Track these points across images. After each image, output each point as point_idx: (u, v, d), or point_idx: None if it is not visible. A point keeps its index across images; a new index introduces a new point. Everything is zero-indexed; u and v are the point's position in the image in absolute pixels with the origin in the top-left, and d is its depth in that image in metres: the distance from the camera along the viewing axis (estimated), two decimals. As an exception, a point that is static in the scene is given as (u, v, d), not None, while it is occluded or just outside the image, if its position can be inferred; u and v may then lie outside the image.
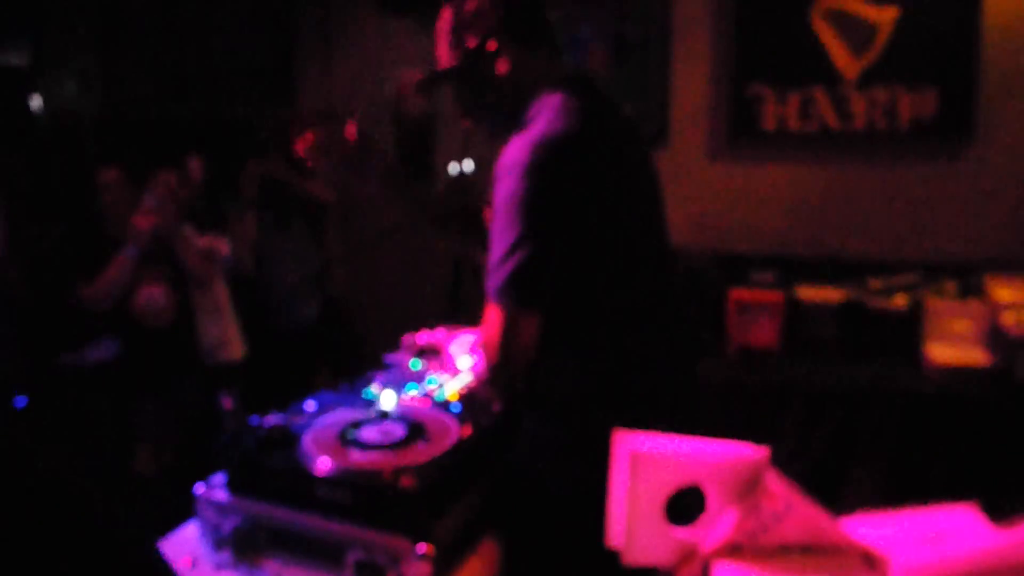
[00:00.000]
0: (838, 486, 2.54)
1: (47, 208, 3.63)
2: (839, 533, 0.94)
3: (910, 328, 2.89)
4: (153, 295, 2.88)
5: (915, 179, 3.31)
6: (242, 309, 3.52)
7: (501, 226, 1.41)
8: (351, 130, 1.77)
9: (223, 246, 3.41)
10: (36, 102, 4.99)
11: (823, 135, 3.35)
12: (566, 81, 1.56)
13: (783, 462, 1.16)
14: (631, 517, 0.96)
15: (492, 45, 1.56)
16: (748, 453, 0.97)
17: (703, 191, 3.60)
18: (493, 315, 1.41)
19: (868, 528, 1.04)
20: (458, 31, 1.59)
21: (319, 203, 3.64)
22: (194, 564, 1.32)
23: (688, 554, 0.95)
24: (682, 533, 0.98)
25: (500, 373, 1.45)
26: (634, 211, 1.54)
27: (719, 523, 0.94)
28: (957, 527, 1.03)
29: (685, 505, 1.02)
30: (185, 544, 1.38)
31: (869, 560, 0.93)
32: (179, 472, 2.65)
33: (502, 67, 1.57)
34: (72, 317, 2.74)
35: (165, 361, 2.94)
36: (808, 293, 3.05)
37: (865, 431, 2.59)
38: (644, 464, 0.96)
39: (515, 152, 1.42)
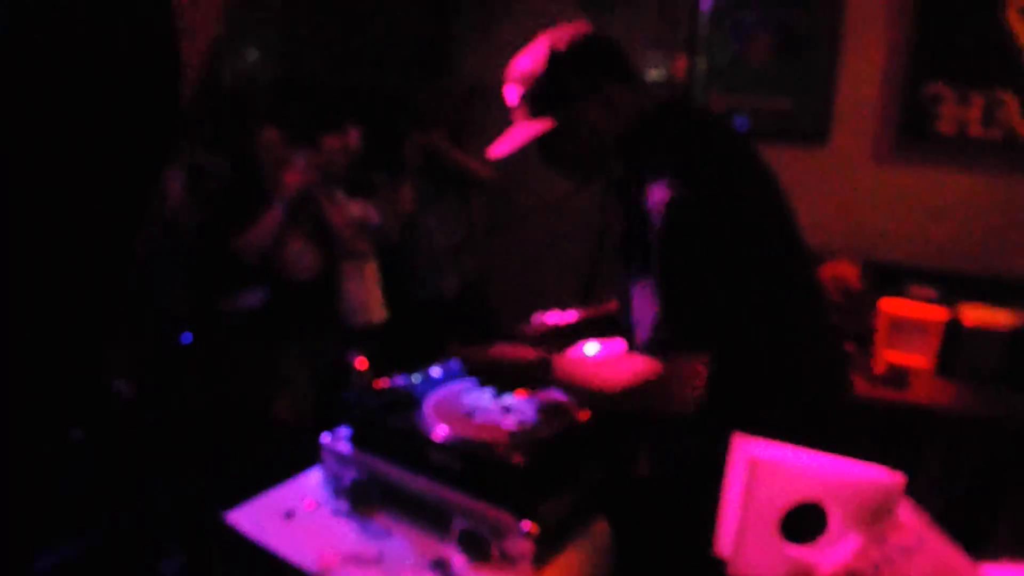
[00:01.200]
0: (984, 528, 2.31)
1: (219, 164, 3.92)
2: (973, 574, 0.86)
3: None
4: (299, 250, 3.05)
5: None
6: (386, 276, 3.68)
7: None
8: None
9: (374, 215, 3.56)
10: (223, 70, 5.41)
11: (1008, 143, 3.03)
12: (662, 110, 1.45)
13: (923, 494, 1.06)
14: (742, 526, 0.92)
15: (593, 88, 1.44)
16: (881, 477, 0.90)
17: (862, 194, 3.37)
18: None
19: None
20: (553, 79, 1.45)
21: (477, 179, 3.70)
22: (316, 507, 1.40)
23: (801, 575, 0.90)
24: (797, 551, 0.92)
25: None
26: (773, 224, 1.43)
27: (839, 547, 0.88)
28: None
29: (805, 523, 0.96)
30: (309, 488, 1.47)
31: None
32: (315, 420, 2.82)
33: (600, 110, 1.45)
34: (230, 266, 2.96)
35: (308, 314, 3.11)
36: (973, 314, 2.78)
37: (1022, 470, 2.34)
38: (762, 471, 0.91)
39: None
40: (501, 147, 1.54)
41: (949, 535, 0.92)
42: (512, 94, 1.55)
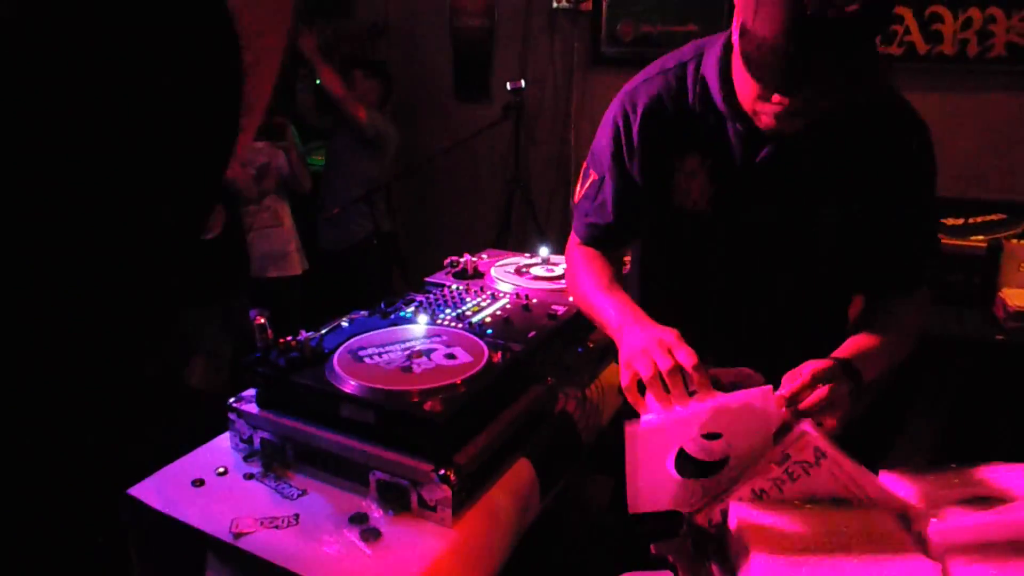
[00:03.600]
0: (893, 435, 2.43)
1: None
2: (875, 486, 0.88)
3: (987, 271, 2.71)
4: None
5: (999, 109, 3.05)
6: (300, 225, 3.55)
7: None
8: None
9: (280, 160, 3.40)
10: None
11: (905, 58, 3.11)
12: None
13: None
14: (634, 476, 0.95)
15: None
16: (748, 393, 0.94)
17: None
18: None
19: (915, 484, 0.98)
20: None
21: (352, 118, 3.52)
22: (225, 473, 1.34)
23: (704, 498, 0.91)
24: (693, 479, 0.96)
25: None
26: None
27: (741, 466, 0.89)
28: (1012, 489, 0.96)
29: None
30: (218, 453, 1.41)
31: (905, 517, 0.87)
32: (232, 386, 2.73)
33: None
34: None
35: (216, 273, 2.98)
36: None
37: (929, 378, 2.46)
38: (640, 436, 0.95)
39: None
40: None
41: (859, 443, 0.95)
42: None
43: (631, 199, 1.43)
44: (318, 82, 3.61)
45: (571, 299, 1.60)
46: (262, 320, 1.39)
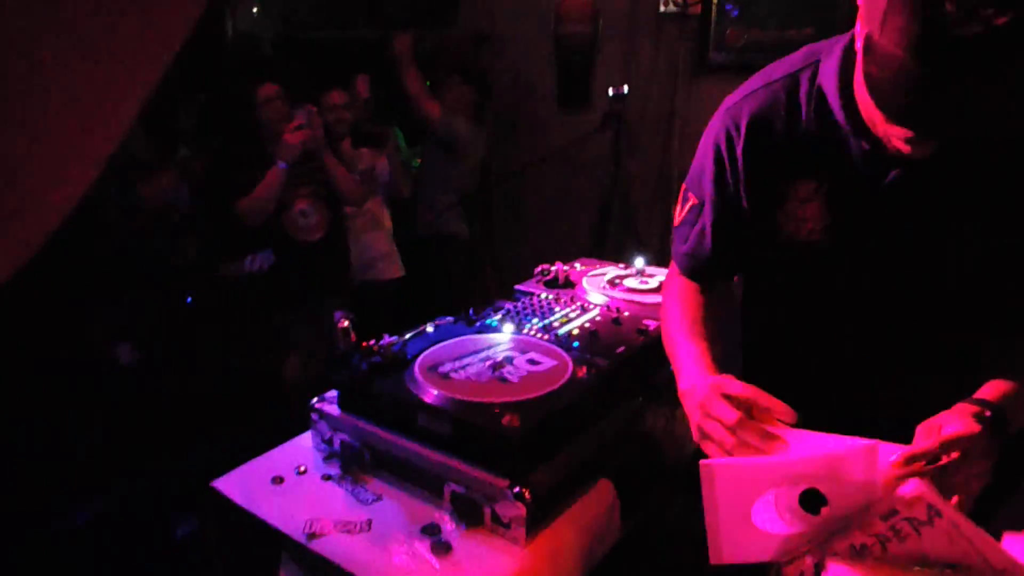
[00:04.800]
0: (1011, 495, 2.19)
1: (222, 126, 3.86)
2: (999, 553, 0.77)
3: None
4: (305, 210, 2.98)
5: None
6: (398, 229, 3.61)
7: None
8: None
9: (384, 168, 3.47)
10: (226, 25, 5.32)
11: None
12: None
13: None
14: (714, 523, 0.88)
15: None
16: (851, 448, 0.83)
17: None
18: None
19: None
20: None
21: (422, 115, 3.56)
22: (304, 472, 1.35)
23: (797, 550, 0.83)
24: (784, 531, 0.87)
25: None
26: None
27: (839, 521, 0.80)
28: None
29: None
30: (300, 452, 1.42)
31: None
32: (325, 385, 2.79)
33: None
34: (233, 229, 2.90)
35: (316, 275, 3.06)
36: None
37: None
38: (719, 474, 0.87)
39: None
40: None
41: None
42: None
43: (734, 228, 1.27)
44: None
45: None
46: (345, 323, 1.39)
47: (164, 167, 3.01)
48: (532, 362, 1.37)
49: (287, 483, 1.32)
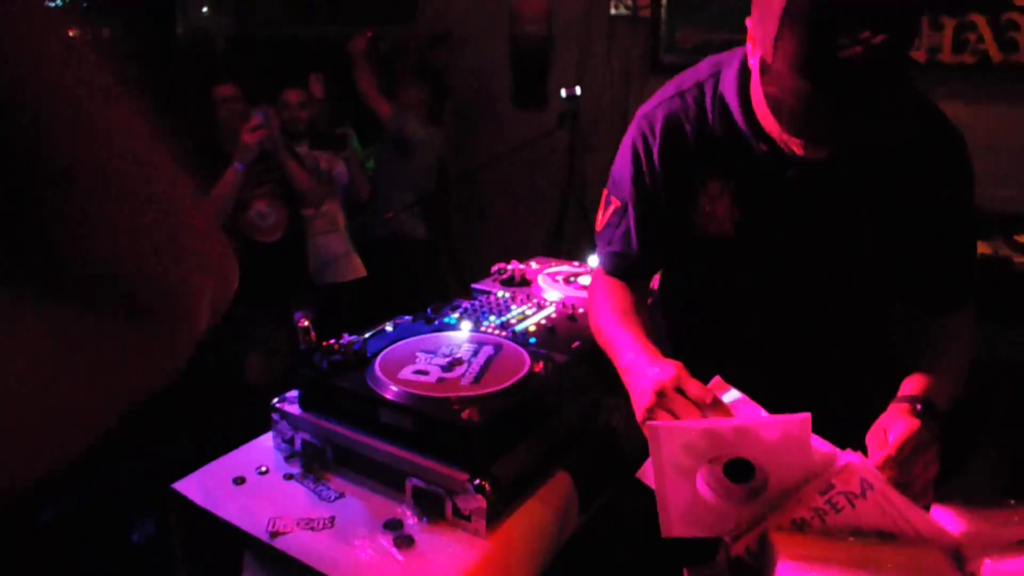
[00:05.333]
0: (952, 469, 2.31)
1: (176, 124, 3.80)
2: (925, 522, 0.83)
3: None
4: (262, 210, 2.97)
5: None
6: (354, 230, 3.60)
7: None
8: None
9: (342, 170, 3.47)
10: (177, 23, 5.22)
11: (980, 67, 2.97)
12: None
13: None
14: (661, 489, 0.91)
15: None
16: (785, 420, 0.89)
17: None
18: None
19: (970, 521, 0.92)
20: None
21: (381, 116, 3.58)
22: (266, 472, 1.36)
23: (742, 526, 0.87)
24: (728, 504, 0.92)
25: None
26: None
27: (780, 496, 0.86)
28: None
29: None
30: (261, 452, 1.43)
31: (958, 556, 0.82)
32: (287, 385, 2.78)
33: None
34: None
35: (276, 275, 3.04)
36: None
37: (993, 407, 2.34)
38: (664, 435, 0.91)
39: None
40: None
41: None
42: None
43: (656, 226, 1.37)
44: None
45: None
46: (306, 322, 1.40)
47: None
48: (490, 358, 1.40)
49: (249, 483, 1.33)
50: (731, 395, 1.05)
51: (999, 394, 2.32)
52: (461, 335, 1.52)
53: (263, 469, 1.37)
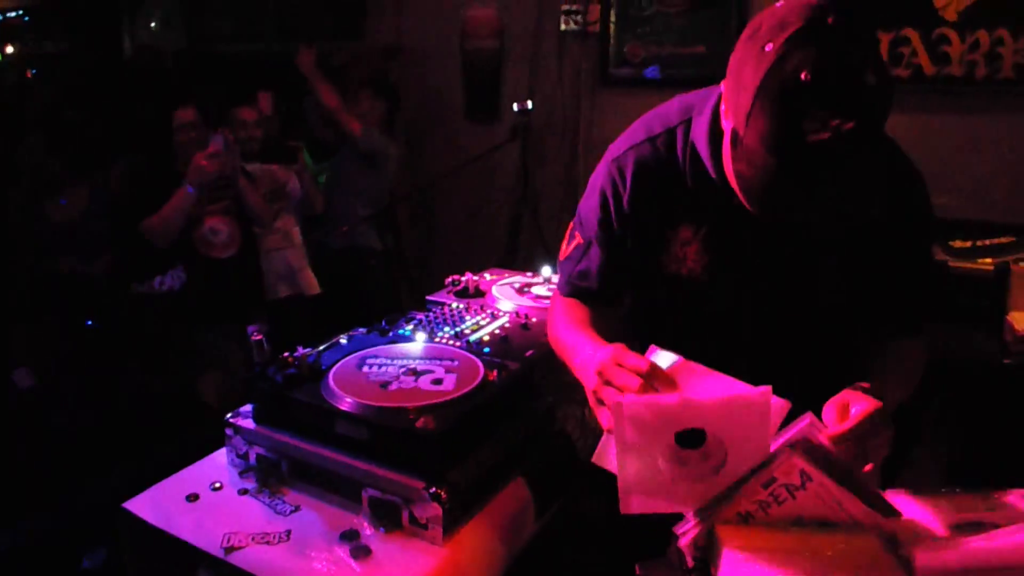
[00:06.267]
0: (896, 460, 2.39)
1: (128, 142, 3.75)
2: (862, 509, 0.88)
3: (995, 294, 2.67)
4: (215, 227, 2.94)
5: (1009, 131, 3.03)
6: (310, 244, 3.58)
7: None
8: None
9: (293, 183, 3.45)
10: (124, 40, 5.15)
11: (914, 79, 3.11)
12: None
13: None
14: (622, 465, 0.93)
15: None
16: (747, 394, 0.93)
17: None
18: None
19: (909, 508, 0.97)
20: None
21: (348, 131, 3.57)
22: (220, 488, 1.35)
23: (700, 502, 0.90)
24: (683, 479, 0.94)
25: None
26: None
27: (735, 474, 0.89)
28: (1009, 516, 0.94)
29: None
30: (215, 468, 1.42)
31: (893, 541, 0.86)
32: (243, 402, 2.75)
33: None
34: (142, 248, 2.83)
35: (229, 292, 3.01)
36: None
37: (934, 402, 2.43)
38: (627, 411, 0.93)
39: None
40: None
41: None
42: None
43: (618, 267, 1.39)
44: None
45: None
46: (260, 336, 1.40)
47: (75, 183, 2.91)
48: (446, 368, 1.42)
49: (202, 500, 1.32)
50: (667, 358, 1.06)
51: (937, 389, 2.41)
52: (416, 346, 1.53)
53: (217, 485, 1.36)
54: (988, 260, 2.74)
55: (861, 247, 1.28)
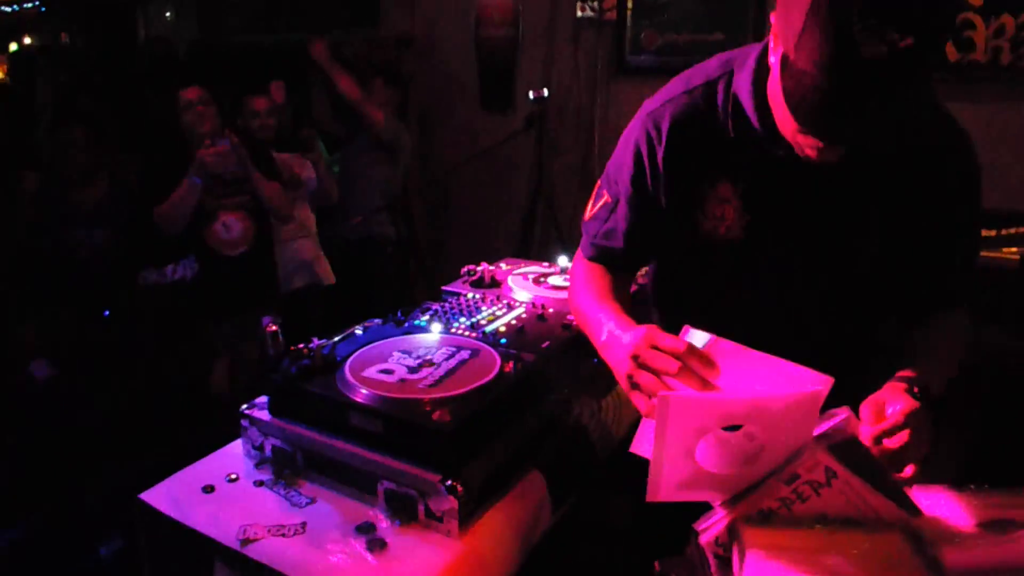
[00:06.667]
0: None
1: (143, 132, 3.76)
2: (888, 508, 0.86)
3: (1020, 283, 2.63)
4: (228, 224, 2.94)
5: None
6: (324, 236, 3.58)
7: None
8: None
9: (309, 172, 3.44)
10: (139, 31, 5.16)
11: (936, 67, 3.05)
12: None
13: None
14: (659, 457, 0.91)
15: None
16: (804, 387, 0.90)
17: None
18: None
19: (935, 506, 0.95)
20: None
21: (371, 122, 3.56)
22: (236, 479, 1.35)
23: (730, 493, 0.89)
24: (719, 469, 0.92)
25: None
26: None
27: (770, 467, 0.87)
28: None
29: None
30: (230, 460, 1.41)
31: (919, 539, 0.84)
32: (255, 391, 2.76)
33: None
34: (154, 236, 2.84)
35: (241, 288, 3.01)
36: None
37: (955, 396, 2.38)
38: (673, 407, 0.91)
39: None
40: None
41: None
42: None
43: (647, 227, 1.34)
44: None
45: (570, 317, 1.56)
46: (274, 328, 1.40)
47: (95, 172, 2.92)
48: (461, 359, 1.41)
49: (218, 491, 1.32)
50: (701, 338, 1.02)
51: (957, 381, 2.37)
52: (431, 337, 1.52)
53: (233, 476, 1.35)
54: (1014, 249, 2.70)
55: (907, 206, 1.22)
